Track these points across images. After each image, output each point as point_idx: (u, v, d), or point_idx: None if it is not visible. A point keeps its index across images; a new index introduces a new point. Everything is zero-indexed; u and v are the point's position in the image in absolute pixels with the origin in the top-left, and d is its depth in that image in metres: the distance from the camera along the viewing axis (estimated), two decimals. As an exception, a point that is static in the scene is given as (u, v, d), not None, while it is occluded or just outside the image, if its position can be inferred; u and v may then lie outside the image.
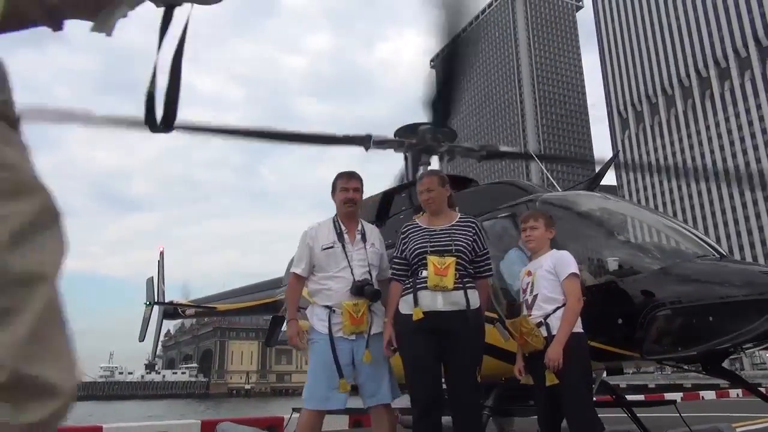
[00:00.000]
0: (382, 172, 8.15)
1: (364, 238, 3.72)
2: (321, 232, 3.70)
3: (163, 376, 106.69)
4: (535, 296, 3.59)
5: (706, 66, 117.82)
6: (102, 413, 37.10)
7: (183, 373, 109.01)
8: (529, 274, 3.69)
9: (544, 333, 3.47)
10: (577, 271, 3.52)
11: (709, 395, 14.83)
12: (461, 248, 3.42)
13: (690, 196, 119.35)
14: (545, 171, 6.14)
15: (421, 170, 6.93)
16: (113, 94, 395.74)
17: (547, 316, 3.48)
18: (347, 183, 3.78)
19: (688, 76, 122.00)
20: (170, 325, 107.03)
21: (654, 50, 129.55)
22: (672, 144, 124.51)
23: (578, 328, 3.46)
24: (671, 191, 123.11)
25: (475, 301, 3.37)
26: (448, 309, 3.30)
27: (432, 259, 3.36)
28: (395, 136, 6.96)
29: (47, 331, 0.75)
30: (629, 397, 11.77)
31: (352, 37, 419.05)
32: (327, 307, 3.51)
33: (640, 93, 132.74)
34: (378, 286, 3.58)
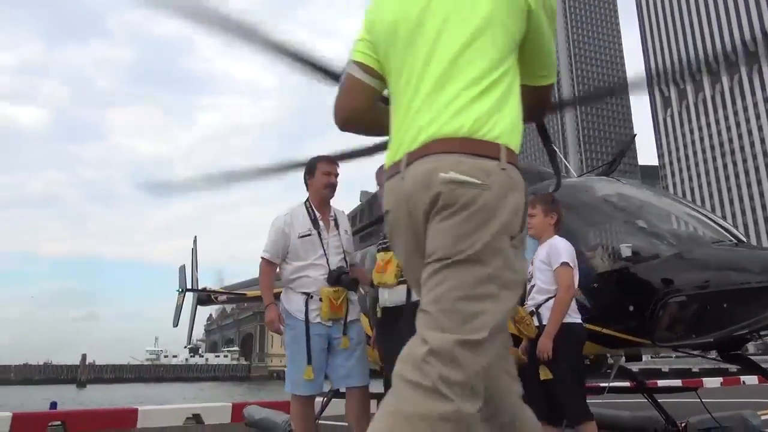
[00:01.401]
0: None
1: (336, 224, 3.67)
2: (296, 218, 3.61)
3: (206, 359, 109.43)
4: (533, 286, 3.57)
5: (753, 39, 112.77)
6: (149, 394, 38.55)
7: (225, 356, 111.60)
8: (532, 263, 3.66)
9: (537, 322, 3.46)
10: (570, 260, 3.43)
11: (751, 380, 14.45)
12: None
13: (737, 175, 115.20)
14: (562, 158, 5.97)
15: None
16: (151, 83, 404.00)
17: (538, 306, 3.46)
18: (330, 167, 3.68)
19: (734, 50, 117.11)
20: (212, 309, 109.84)
21: (698, 23, 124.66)
22: (717, 122, 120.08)
23: (572, 317, 3.40)
24: (716, 169, 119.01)
25: None
26: (392, 305, 3.30)
27: (378, 256, 3.36)
28: None
29: None
30: (662, 383, 11.67)
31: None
32: (305, 293, 3.48)
33: (683, 69, 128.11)
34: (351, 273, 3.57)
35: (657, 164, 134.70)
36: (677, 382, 12.90)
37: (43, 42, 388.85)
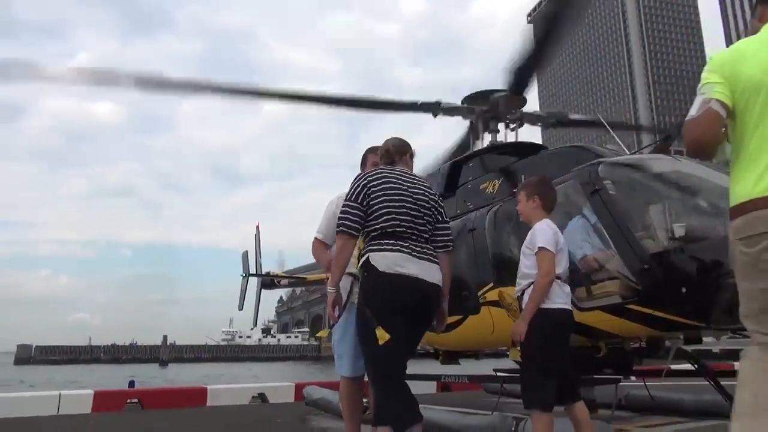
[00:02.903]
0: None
1: None
2: None
3: (278, 339, 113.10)
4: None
5: None
6: (226, 373, 40.44)
7: (296, 337, 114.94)
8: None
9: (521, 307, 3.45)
10: (547, 244, 3.30)
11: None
12: None
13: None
14: (616, 137, 5.69)
15: (488, 138, 6.80)
16: (217, 74, 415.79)
17: (523, 291, 3.42)
18: (377, 158, 3.65)
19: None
20: (282, 292, 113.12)
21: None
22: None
23: (554, 303, 3.29)
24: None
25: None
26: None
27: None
28: (464, 102, 6.83)
29: None
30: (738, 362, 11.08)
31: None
32: (351, 274, 3.45)
33: None
34: None
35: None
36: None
37: (117, 39, 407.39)
